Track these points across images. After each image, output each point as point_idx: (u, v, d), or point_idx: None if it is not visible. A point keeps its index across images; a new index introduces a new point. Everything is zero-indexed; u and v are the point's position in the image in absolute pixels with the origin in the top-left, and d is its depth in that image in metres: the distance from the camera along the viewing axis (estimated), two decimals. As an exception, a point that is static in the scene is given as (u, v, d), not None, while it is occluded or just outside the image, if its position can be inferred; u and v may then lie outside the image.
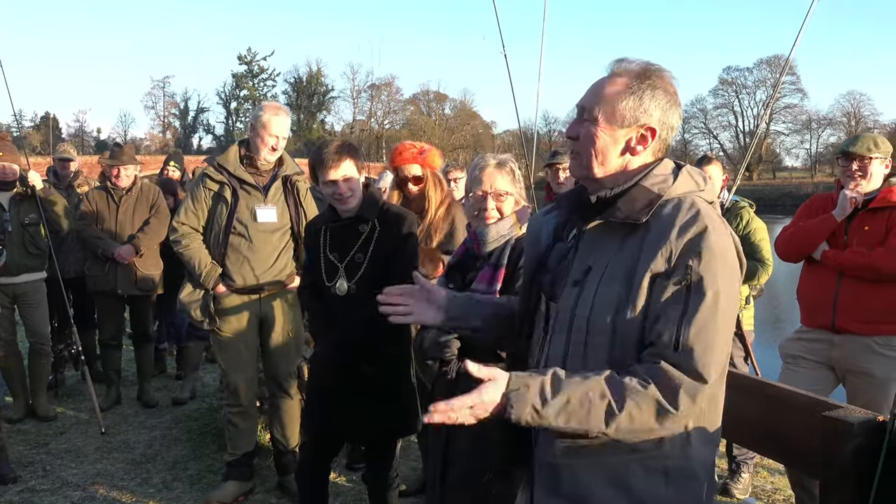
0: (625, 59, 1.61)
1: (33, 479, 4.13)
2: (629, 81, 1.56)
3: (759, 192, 47.78)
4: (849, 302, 3.20)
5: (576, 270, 1.59)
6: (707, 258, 1.43)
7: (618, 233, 1.55)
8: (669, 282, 1.44)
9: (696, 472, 1.54)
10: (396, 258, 2.90)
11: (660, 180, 1.55)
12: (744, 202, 4.15)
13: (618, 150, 1.57)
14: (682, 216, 1.48)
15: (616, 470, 1.52)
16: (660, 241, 1.47)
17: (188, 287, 3.78)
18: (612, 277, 1.51)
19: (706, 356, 1.42)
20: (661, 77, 1.58)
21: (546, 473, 1.61)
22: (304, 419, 3.10)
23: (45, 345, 5.15)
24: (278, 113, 3.71)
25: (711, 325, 1.43)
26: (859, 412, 1.72)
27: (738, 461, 3.99)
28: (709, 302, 1.42)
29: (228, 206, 3.67)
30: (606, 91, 1.57)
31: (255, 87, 66.17)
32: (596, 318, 1.51)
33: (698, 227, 1.45)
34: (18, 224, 4.93)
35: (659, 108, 1.56)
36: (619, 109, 1.55)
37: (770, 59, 61.28)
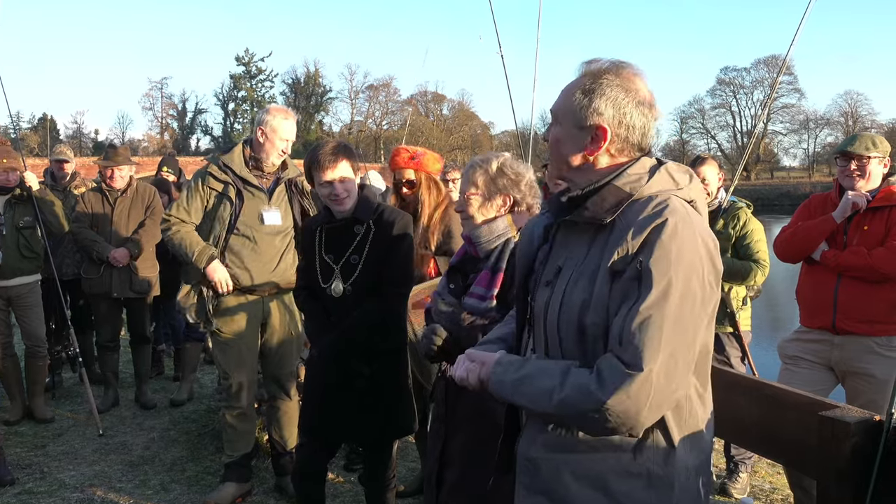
0: (594, 59, 1.61)
1: (31, 482, 4.12)
2: (586, 81, 1.57)
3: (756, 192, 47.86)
4: (849, 302, 3.19)
5: (548, 271, 1.62)
6: (658, 253, 1.42)
7: (587, 233, 1.56)
8: (624, 279, 1.45)
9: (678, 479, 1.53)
10: (391, 259, 2.90)
11: (633, 179, 1.54)
12: (741, 202, 4.14)
13: (577, 150, 1.58)
14: (644, 214, 1.47)
15: (596, 470, 1.53)
16: (619, 239, 1.47)
17: (185, 288, 3.77)
18: (579, 277, 1.52)
19: (647, 345, 1.39)
20: (620, 75, 1.57)
21: (527, 468, 1.63)
22: (301, 420, 3.10)
23: (41, 347, 5.14)
24: (287, 117, 3.71)
25: (656, 318, 1.40)
26: (856, 412, 1.72)
27: (736, 461, 3.99)
28: (656, 293, 1.40)
29: (233, 206, 3.65)
30: (566, 92, 1.60)
31: (252, 89, 66.14)
32: (564, 319, 1.53)
33: (656, 223, 1.44)
34: (13, 227, 4.92)
35: (612, 107, 1.54)
36: (572, 110, 1.57)
37: (767, 59, 61.43)
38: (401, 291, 2.96)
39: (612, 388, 1.39)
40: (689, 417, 1.54)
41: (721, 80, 66.59)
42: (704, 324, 1.49)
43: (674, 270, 1.41)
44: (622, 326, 1.42)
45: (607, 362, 1.43)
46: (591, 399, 1.41)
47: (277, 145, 3.67)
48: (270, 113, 3.70)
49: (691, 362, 1.46)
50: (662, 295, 1.40)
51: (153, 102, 68.46)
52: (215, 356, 3.97)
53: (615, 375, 1.40)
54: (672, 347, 1.41)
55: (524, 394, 1.53)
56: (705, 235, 1.50)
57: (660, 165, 1.58)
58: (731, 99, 66.07)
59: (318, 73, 68.09)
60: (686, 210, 1.50)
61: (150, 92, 68.64)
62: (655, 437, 1.51)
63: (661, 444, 1.51)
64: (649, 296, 1.40)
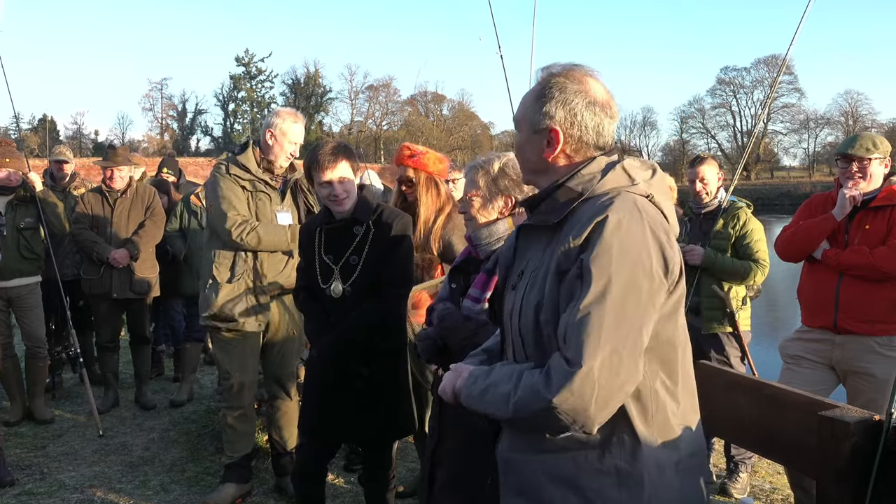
0: (549, 65, 1.64)
1: (31, 482, 4.12)
2: (538, 87, 1.61)
3: (757, 191, 47.91)
4: (850, 301, 3.19)
5: (513, 275, 1.65)
6: (599, 250, 1.42)
7: (543, 235, 1.59)
8: (569, 277, 1.47)
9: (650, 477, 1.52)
10: (390, 260, 2.89)
11: (586, 179, 1.56)
12: (741, 202, 4.14)
13: (535, 154, 1.62)
14: (590, 212, 1.48)
15: (566, 469, 1.54)
16: (566, 239, 1.48)
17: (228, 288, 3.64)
18: (535, 280, 1.55)
19: (584, 343, 1.40)
20: (570, 77, 1.59)
21: (505, 470, 1.65)
22: (301, 421, 3.10)
23: (41, 348, 5.14)
24: (297, 120, 3.72)
25: (595, 314, 1.40)
26: (856, 412, 1.72)
27: (736, 461, 3.99)
28: (596, 290, 1.41)
29: (270, 201, 3.69)
30: (522, 100, 1.65)
31: (252, 89, 66.13)
32: (524, 322, 1.56)
33: (597, 220, 1.45)
34: (13, 228, 4.92)
35: (563, 109, 1.57)
36: (526, 115, 1.62)
37: (767, 58, 61.49)
38: (400, 292, 2.96)
39: (557, 386, 1.40)
40: (657, 413, 1.54)
41: (721, 80, 66.70)
42: (655, 317, 1.48)
43: (614, 266, 1.42)
44: (565, 324, 1.43)
45: (554, 361, 1.44)
46: (539, 399, 1.43)
47: (286, 148, 3.68)
48: (280, 116, 3.71)
49: (638, 356, 1.45)
50: (602, 291, 1.41)
51: (153, 103, 68.57)
52: (217, 356, 3.96)
53: (559, 373, 1.41)
54: (614, 343, 1.41)
55: (488, 402, 1.55)
56: (657, 228, 1.50)
57: (617, 163, 1.58)
58: (732, 99, 66.20)
59: (318, 74, 68.15)
60: (637, 205, 1.50)
61: (150, 92, 68.78)
62: (621, 434, 1.52)
63: (627, 441, 1.52)
64: (588, 293, 1.41)
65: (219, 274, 3.67)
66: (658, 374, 1.54)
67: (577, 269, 1.44)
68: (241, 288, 3.66)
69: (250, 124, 63.94)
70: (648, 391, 1.52)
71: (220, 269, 3.68)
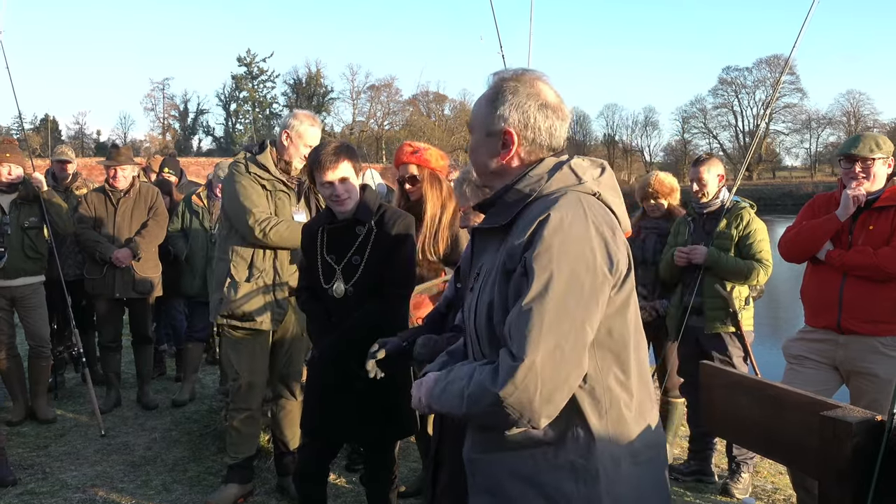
0: (501, 70, 1.68)
1: (33, 482, 4.12)
2: (490, 91, 1.65)
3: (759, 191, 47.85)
4: (854, 302, 3.19)
5: (470, 277, 1.68)
6: (541, 248, 1.46)
7: (496, 237, 1.61)
8: (515, 276, 1.50)
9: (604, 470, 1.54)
10: (393, 260, 2.89)
11: (534, 181, 1.59)
12: (744, 202, 4.14)
13: (490, 156, 1.64)
14: (535, 212, 1.51)
15: (525, 466, 1.57)
16: (513, 238, 1.52)
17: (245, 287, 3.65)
18: (488, 281, 1.58)
19: (528, 336, 1.43)
20: (521, 81, 1.63)
21: (470, 469, 1.68)
22: (303, 421, 3.10)
23: (44, 348, 5.14)
24: (314, 124, 3.74)
25: (536, 310, 1.43)
26: (858, 412, 1.71)
27: (738, 461, 3.99)
28: (537, 286, 1.44)
29: (290, 200, 3.72)
30: (476, 104, 1.68)
31: (254, 89, 66.18)
32: (478, 322, 1.60)
33: (540, 219, 1.48)
34: (18, 227, 4.93)
35: (517, 111, 1.60)
36: (480, 119, 1.64)
37: (769, 58, 61.48)
38: (402, 292, 2.96)
39: (503, 380, 1.44)
40: (611, 408, 1.56)
41: (723, 80, 66.67)
42: (599, 312, 1.50)
43: (556, 263, 1.45)
44: (510, 321, 1.47)
45: (501, 356, 1.47)
46: (487, 393, 1.46)
47: (301, 150, 3.69)
48: (297, 118, 3.72)
49: (582, 350, 1.47)
50: (543, 288, 1.44)
51: (155, 103, 68.59)
52: (226, 356, 3.95)
53: (504, 368, 1.45)
54: (556, 338, 1.43)
55: (445, 401, 1.59)
56: (600, 224, 1.52)
57: (565, 163, 1.61)
58: (734, 98, 66.14)
59: (320, 74, 68.18)
60: (582, 202, 1.53)
61: (151, 93, 68.78)
62: (575, 429, 1.54)
63: (582, 436, 1.54)
64: (531, 290, 1.44)
65: (237, 273, 3.68)
66: (611, 368, 1.56)
67: (522, 268, 1.47)
68: (259, 286, 3.68)
69: (252, 124, 63.99)
70: (601, 387, 1.55)
71: (237, 268, 3.68)
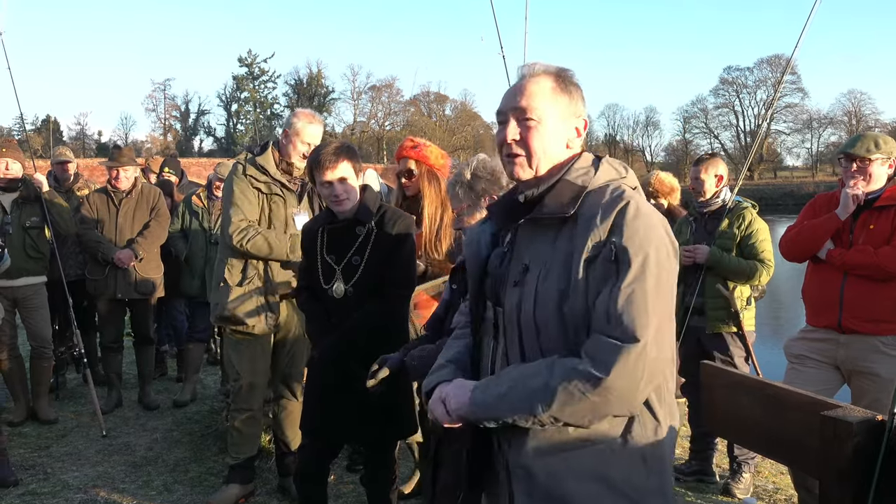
0: (535, 63, 1.69)
1: (34, 482, 4.13)
2: (555, 80, 1.65)
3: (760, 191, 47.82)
4: (854, 301, 3.19)
5: (514, 271, 1.63)
6: (628, 232, 1.48)
7: (550, 229, 1.60)
8: (599, 262, 1.49)
9: (668, 455, 1.56)
10: (393, 261, 2.89)
11: (582, 173, 1.62)
12: (746, 202, 4.14)
13: (561, 144, 1.65)
14: (605, 200, 1.54)
15: (591, 463, 1.53)
16: (588, 228, 1.52)
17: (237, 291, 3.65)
18: (550, 272, 1.55)
19: (637, 318, 1.44)
20: (574, 76, 1.69)
21: (521, 476, 1.61)
22: (303, 421, 3.10)
23: (46, 348, 5.15)
24: (312, 121, 3.71)
25: (639, 289, 1.45)
26: (859, 412, 1.71)
27: (740, 461, 3.99)
28: (635, 268, 1.46)
29: (285, 204, 3.70)
30: (539, 90, 1.64)
31: (255, 90, 66.21)
32: (541, 315, 1.55)
33: (619, 206, 1.51)
34: (20, 227, 4.93)
35: (582, 103, 1.67)
36: (557, 105, 1.63)
37: (770, 58, 61.44)
38: (402, 293, 2.96)
39: (610, 363, 1.42)
40: (667, 392, 1.58)
41: (724, 80, 66.65)
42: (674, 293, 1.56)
43: (647, 247, 1.48)
44: (607, 305, 1.46)
45: (597, 343, 1.45)
46: (590, 381, 1.43)
47: (299, 148, 3.68)
48: (297, 116, 3.73)
49: (674, 331, 1.51)
50: (641, 269, 1.46)
51: (156, 104, 68.69)
52: (227, 357, 3.95)
53: (609, 352, 1.43)
54: (658, 318, 1.46)
55: (513, 403, 1.52)
56: (658, 215, 1.59)
57: (600, 159, 1.66)
58: (735, 98, 66.10)
59: (321, 74, 68.24)
60: (636, 194, 1.59)
61: (153, 93, 68.91)
62: (642, 416, 1.53)
63: (649, 422, 1.54)
64: (629, 272, 1.46)
65: (230, 276, 3.69)
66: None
67: (609, 253, 1.48)
68: (251, 289, 3.67)
69: (253, 125, 63.99)
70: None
71: (231, 272, 3.69)
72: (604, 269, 1.48)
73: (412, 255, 3.00)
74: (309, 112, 3.79)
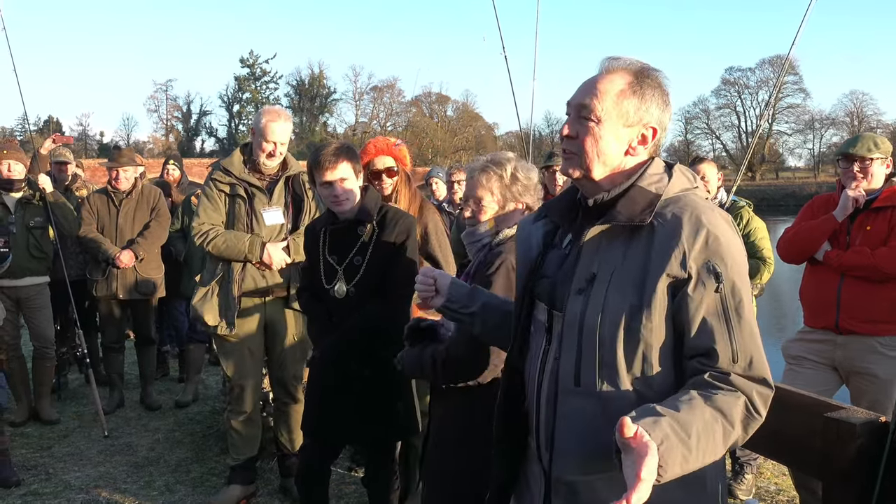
0: (619, 57, 1.57)
1: (36, 483, 4.13)
2: (631, 80, 1.53)
3: (762, 192, 47.82)
4: (852, 302, 3.19)
5: (579, 278, 1.52)
6: (731, 261, 1.43)
7: (620, 237, 1.50)
8: (701, 289, 1.42)
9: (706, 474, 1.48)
10: (395, 260, 2.89)
11: (656, 180, 1.52)
12: (742, 202, 4.16)
13: (621, 149, 1.53)
14: (689, 216, 1.45)
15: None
16: (671, 242, 1.43)
17: (201, 291, 3.74)
18: (621, 283, 1.46)
19: (762, 359, 1.43)
20: (658, 77, 1.56)
21: (563, 492, 1.55)
22: (304, 422, 3.10)
23: (48, 349, 5.15)
24: (276, 119, 3.67)
25: (754, 327, 1.44)
26: (862, 413, 1.71)
27: (742, 462, 3.98)
28: (746, 305, 1.43)
29: (246, 203, 3.69)
30: (608, 88, 1.52)
31: (257, 90, 66.29)
32: (609, 328, 1.46)
33: (709, 227, 1.43)
34: (23, 227, 4.94)
35: (658, 108, 1.54)
36: (623, 107, 1.51)
37: (772, 58, 61.25)
38: (404, 293, 2.94)
39: (761, 407, 1.41)
40: None
41: (726, 81, 66.54)
42: None
43: (743, 275, 1.45)
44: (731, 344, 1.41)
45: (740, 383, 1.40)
46: (754, 422, 1.42)
47: (265, 147, 3.67)
48: (261, 114, 3.73)
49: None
50: (749, 302, 1.43)
51: (158, 104, 68.77)
52: (220, 360, 3.97)
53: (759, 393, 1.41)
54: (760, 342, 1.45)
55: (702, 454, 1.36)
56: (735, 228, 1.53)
57: (672, 165, 1.58)
58: (736, 99, 66.00)
59: (323, 75, 68.26)
60: (714, 208, 1.51)
61: (154, 94, 69.03)
62: None
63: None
64: (743, 307, 1.42)
65: (201, 278, 3.79)
66: None
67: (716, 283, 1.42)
68: (216, 292, 3.71)
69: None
70: None
71: (203, 274, 3.80)
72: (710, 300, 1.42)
73: (414, 256, 3.00)
74: (275, 109, 3.79)
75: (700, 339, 1.42)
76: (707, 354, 1.41)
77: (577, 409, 1.51)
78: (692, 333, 1.42)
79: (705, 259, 1.41)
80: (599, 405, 1.47)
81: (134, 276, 5.36)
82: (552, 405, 1.55)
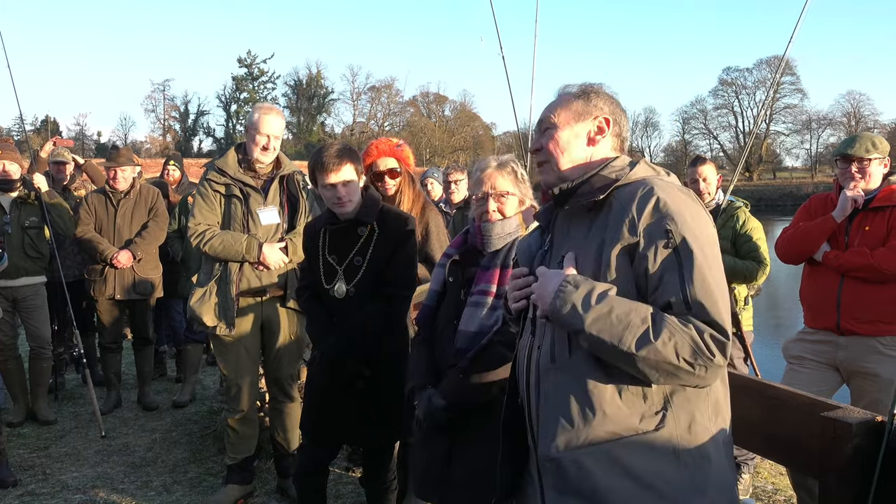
0: (570, 84, 1.80)
1: (33, 483, 4.12)
2: (577, 91, 1.76)
3: (759, 192, 47.89)
4: (852, 303, 3.19)
5: (553, 265, 1.68)
6: (681, 220, 1.51)
7: (584, 219, 1.65)
8: (652, 249, 1.51)
9: (708, 452, 1.53)
10: (395, 261, 2.89)
11: (617, 169, 1.67)
12: (739, 202, 4.16)
13: (581, 142, 1.71)
14: (639, 191, 1.57)
15: (620, 457, 1.52)
16: (622, 213, 1.55)
17: (199, 292, 3.73)
18: (583, 260, 1.60)
19: (717, 307, 1.48)
20: (601, 87, 1.76)
21: (550, 470, 1.61)
22: (302, 422, 3.10)
23: (45, 349, 5.14)
24: (269, 112, 3.70)
25: (709, 277, 1.49)
26: (858, 413, 1.71)
27: (738, 462, 3.98)
28: (699, 257, 1.50)
29: (242, 203, 3.69)
30: (559, 102, 1.76)
31: (255, 90, 66.25)
32: None
33: (659, 194, 1.54)
34: (18, 227, 4.93)
35: (606, 104, 1.73)
36: (573, 108, 1.72)
37: (770, 59, 61.35)
38: (404, 293, 2.96)
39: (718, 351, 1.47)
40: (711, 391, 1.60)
41: (723, 81, 66.62)
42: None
43: (698, 229, 1.52)
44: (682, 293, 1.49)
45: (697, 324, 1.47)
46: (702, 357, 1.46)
47: (259, 140, 3.67)
48: (254, 109, 3.76)
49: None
50: (703, 255, 1.50)
51: (155, 104, 68.71)
52: (217, 360, 3.97)
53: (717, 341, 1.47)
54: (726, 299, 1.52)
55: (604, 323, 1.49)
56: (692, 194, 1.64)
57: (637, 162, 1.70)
58: (734, 99, 66.09)
59: (320, 75, 68.27)
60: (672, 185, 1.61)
61: (152, 94, 68.95)
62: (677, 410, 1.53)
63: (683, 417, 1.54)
64: (695, 259, 1.49)
65: (198, 279, 3.78)
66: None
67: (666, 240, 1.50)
68: (214, 293, 3.70)
69: (252, 125, 63.88)
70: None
71: (200, 275, 3.78)
72: (663, 257, 1.50)
73: (414, 256, 3.00)
74: (266, 105, 3.81)
75: (658, 294, 1.51)
76: (666, 307, 1.50)
77: (554, 385, 1.61)
78: (651, 291, 1.52)
79: (654, 220, 1.52)
80: (572, 376, 1.57)
81: (132, 277, 5.35)
82: (536, 389, 1.65)
